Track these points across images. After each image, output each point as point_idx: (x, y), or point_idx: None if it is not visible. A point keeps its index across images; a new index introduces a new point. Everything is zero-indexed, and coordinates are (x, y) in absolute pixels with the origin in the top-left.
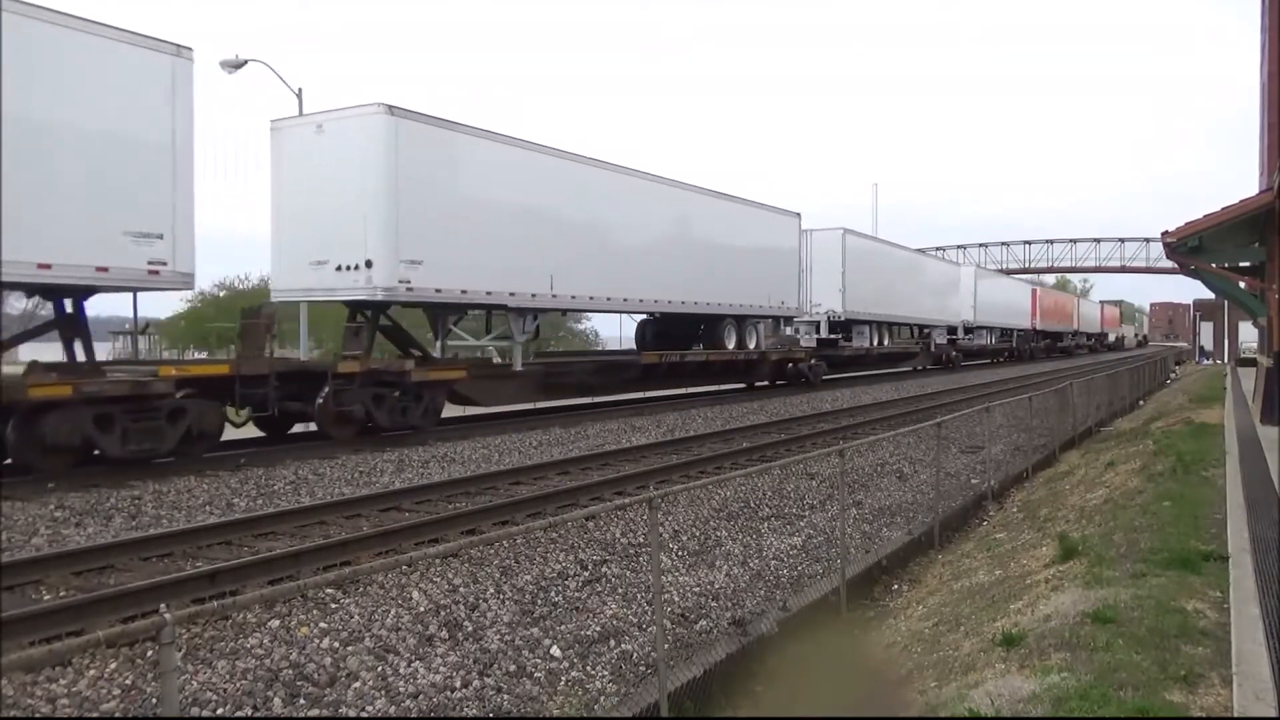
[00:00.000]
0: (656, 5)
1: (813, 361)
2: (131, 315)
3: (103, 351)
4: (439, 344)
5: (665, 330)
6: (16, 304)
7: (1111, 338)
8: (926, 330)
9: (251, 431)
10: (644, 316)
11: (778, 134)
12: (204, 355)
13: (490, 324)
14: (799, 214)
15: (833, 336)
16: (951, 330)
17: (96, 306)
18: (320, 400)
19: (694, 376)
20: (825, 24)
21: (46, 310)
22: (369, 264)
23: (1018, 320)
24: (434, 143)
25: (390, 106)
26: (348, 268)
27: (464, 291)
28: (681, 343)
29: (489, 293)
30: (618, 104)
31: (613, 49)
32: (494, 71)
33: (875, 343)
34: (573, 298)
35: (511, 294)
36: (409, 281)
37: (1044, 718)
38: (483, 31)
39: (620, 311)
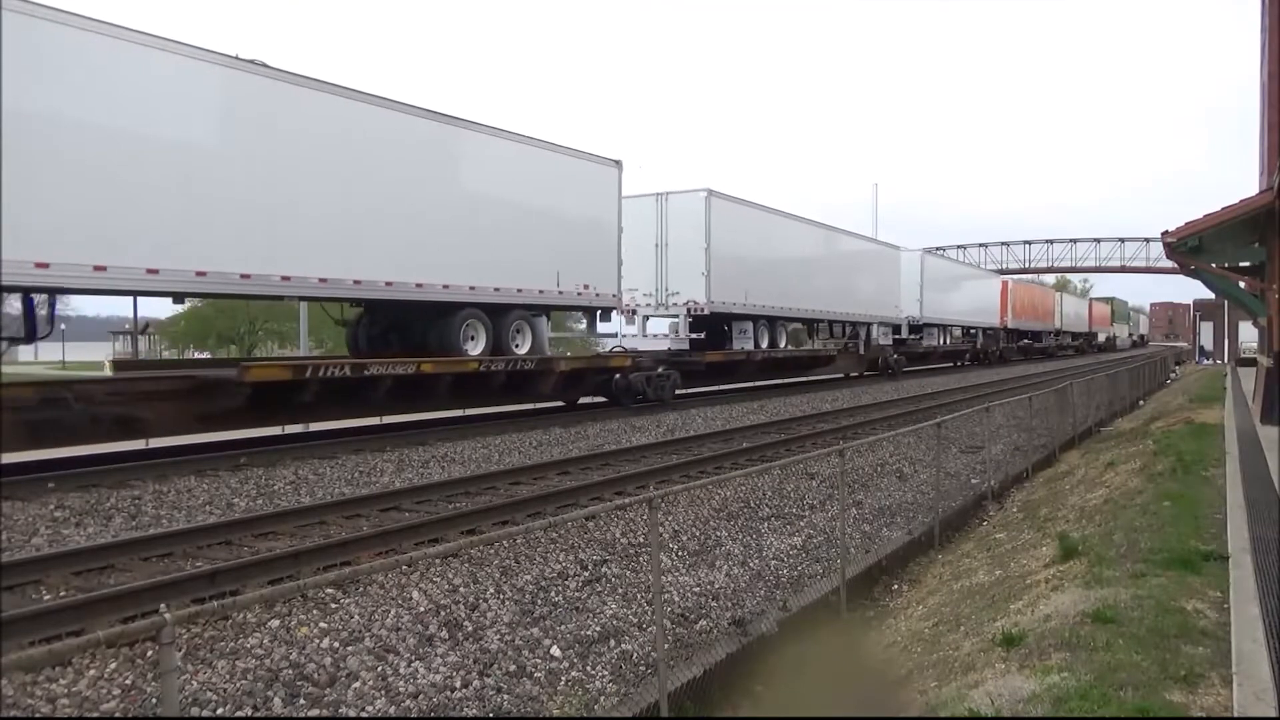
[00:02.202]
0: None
1: (659, 371)
2: (132, 315)
3: (102, 351)
4: None
5: (394, 327)
6: (16, 304)
7: (1102, 338)
8: (852, 328)
9: (253, 432)
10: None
11: (778, 134)
12: (205, 355)
13: None
14: (619, 162)
15: (696, 336)
16: (895, 329)
17: (97, 306)
18: None
19: (418, 397)
20: (826, 25)
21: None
22: None
23: (983, 317)
24: None
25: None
26: None
27: None
28: (409, 347)
29: None
30: (618, 105)
31: (613, 49)
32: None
33: (764, 343)
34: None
35: None
36: None
37: (1044, 718)
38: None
39: (297, 297)
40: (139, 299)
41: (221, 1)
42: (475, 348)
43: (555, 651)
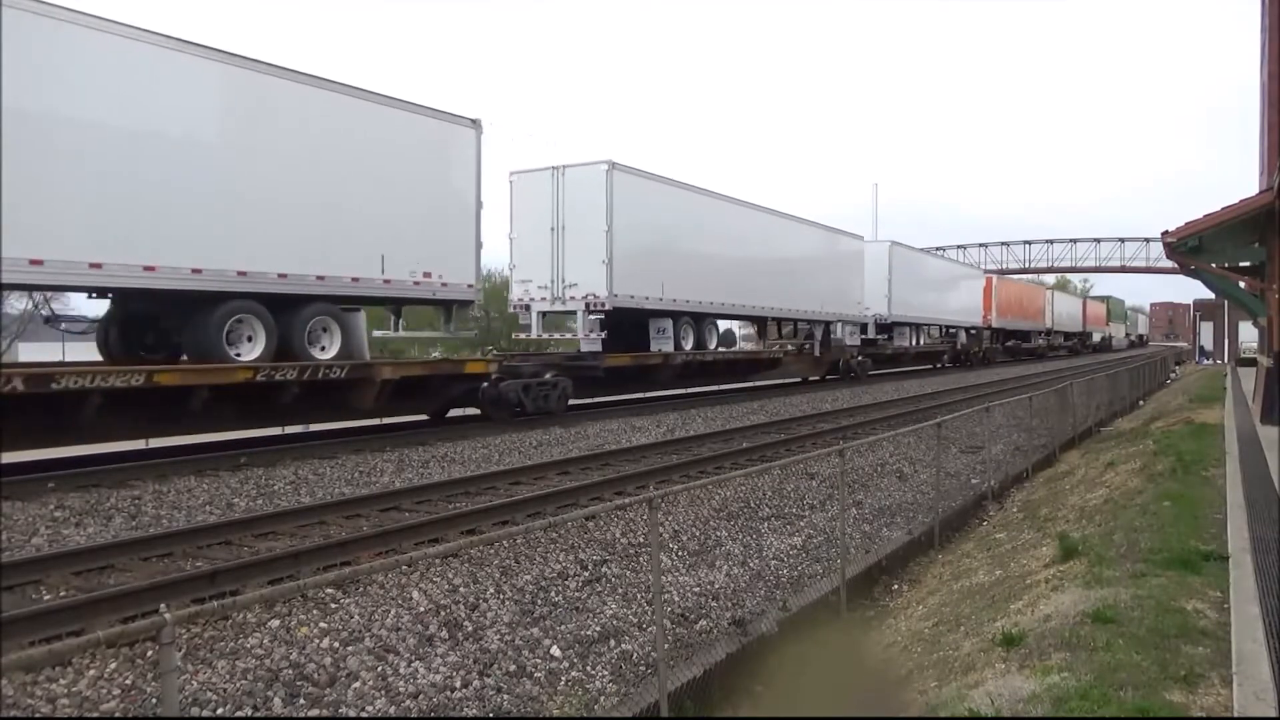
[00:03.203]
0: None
1: (547, 378)
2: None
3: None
4: None
5: (152, 325)
6: (17, 304)
7: (1097, 338)
8: (808, 328)
9: (253, 432)
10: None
11: (779, 135)
12: None
13: None
14: (476, 121)
15: (598, 337)
16: (862, 329)
17: (97, 307)
18: None
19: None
20: (826, 25)
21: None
22: None
23: (964, 316)
24: None
25: None
26: None
27: None
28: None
29: None
30: (619, 106)
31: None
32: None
33: (687, 344)
34: None
35: None
36: None
37: (1044, 718)
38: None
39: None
40: None
41: None
42: (252, 351)
43: (555, 651)
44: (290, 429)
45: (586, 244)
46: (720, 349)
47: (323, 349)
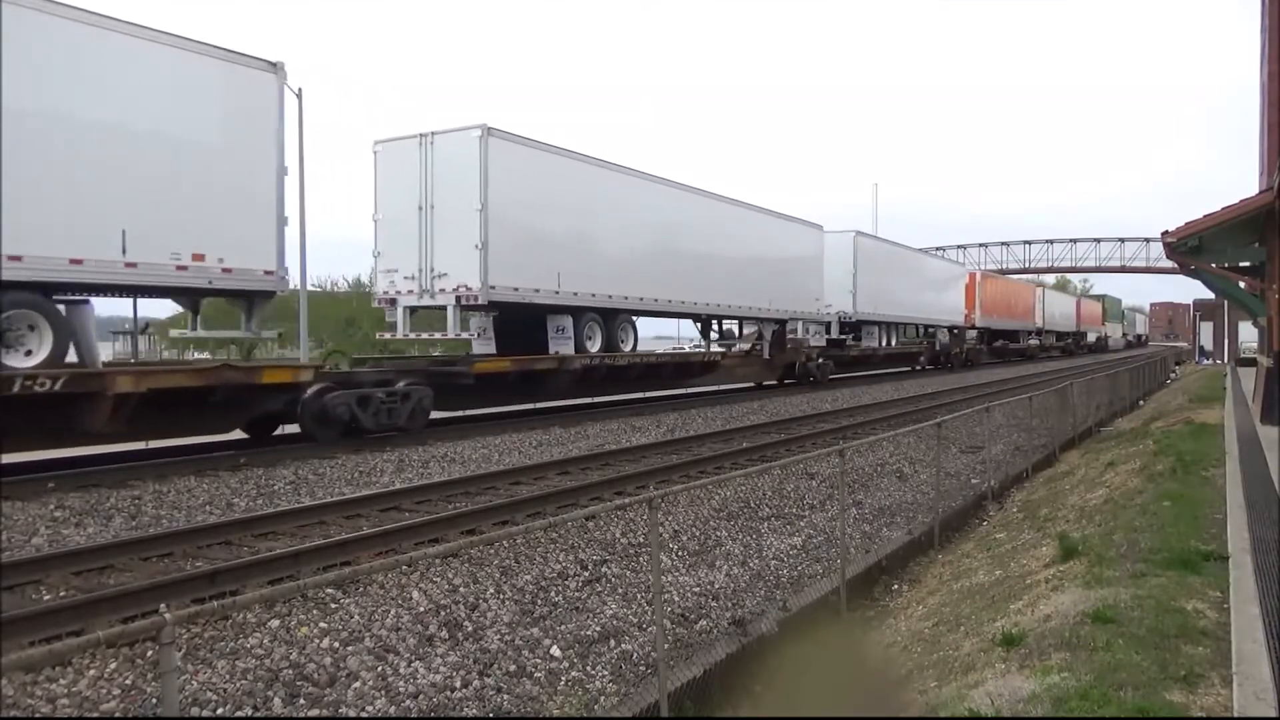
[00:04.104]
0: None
1: (399, 388)
2: (132, 315)
3: (104, 352)
4: None
5: None
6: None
7: (1092, 338)
8: (758, 327)
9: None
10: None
11: (780, 135)
12: (205, 355)
13: None
14: (277, 65)
15: (489, 339)
16: (827, 328)
17: (96, 306)
18: None
19: None
20: (826, 26)
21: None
22: None
23: (944, 314)
24: None
25: None
26: None
27: None
28: None
29: None
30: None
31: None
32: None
33: (593, 345)
34: None
35: None
36: None
37: (1044, 718)
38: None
39: None
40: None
41: None
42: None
43: (555, 651)
44: (290, 429)
45: (458, 226)
46: (639, 351)
47: (28, 353)
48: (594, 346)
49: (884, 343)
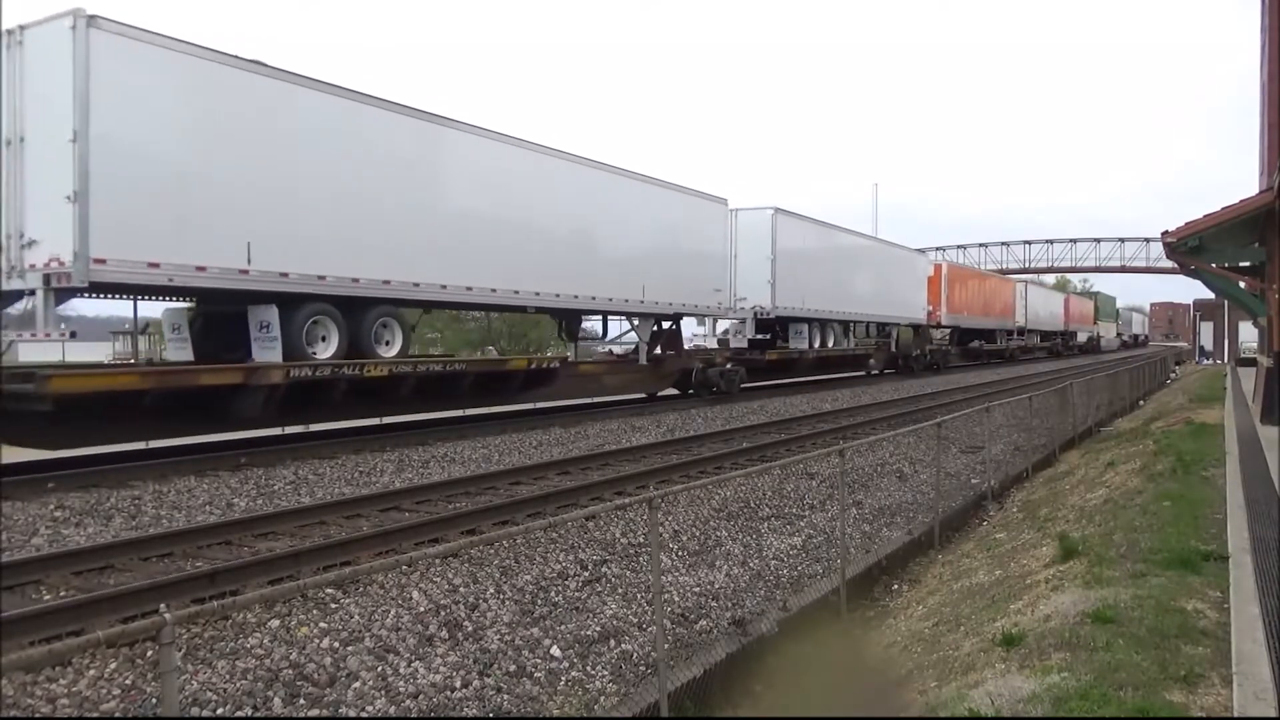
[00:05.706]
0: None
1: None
2: (132, 315)
3: (103, 352)
4: None
5: None
6: (18, 305)
7: (1082, 338)
8: (637, 324)
9: (253, 432)
10: None
11: (779, 135)
12: None
13: None
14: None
15: (59, 340)
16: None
17: (96, 306)
18: None
19: None
20: (827, 26)
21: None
22: None
23: (901, 310)
24: None
25: None
26: None
27: None
28: None
29: None
30: (618, 107)
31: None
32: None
33: (326, 349)
34: None
35: None
36: None
37: (1044, 718)
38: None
39: None
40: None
41: None
42: None
43: (555, 651)
44: (290, 429)
45: (49, 165)
46: (413, 356)
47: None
48: (328, 351)
49: (815, 344)
